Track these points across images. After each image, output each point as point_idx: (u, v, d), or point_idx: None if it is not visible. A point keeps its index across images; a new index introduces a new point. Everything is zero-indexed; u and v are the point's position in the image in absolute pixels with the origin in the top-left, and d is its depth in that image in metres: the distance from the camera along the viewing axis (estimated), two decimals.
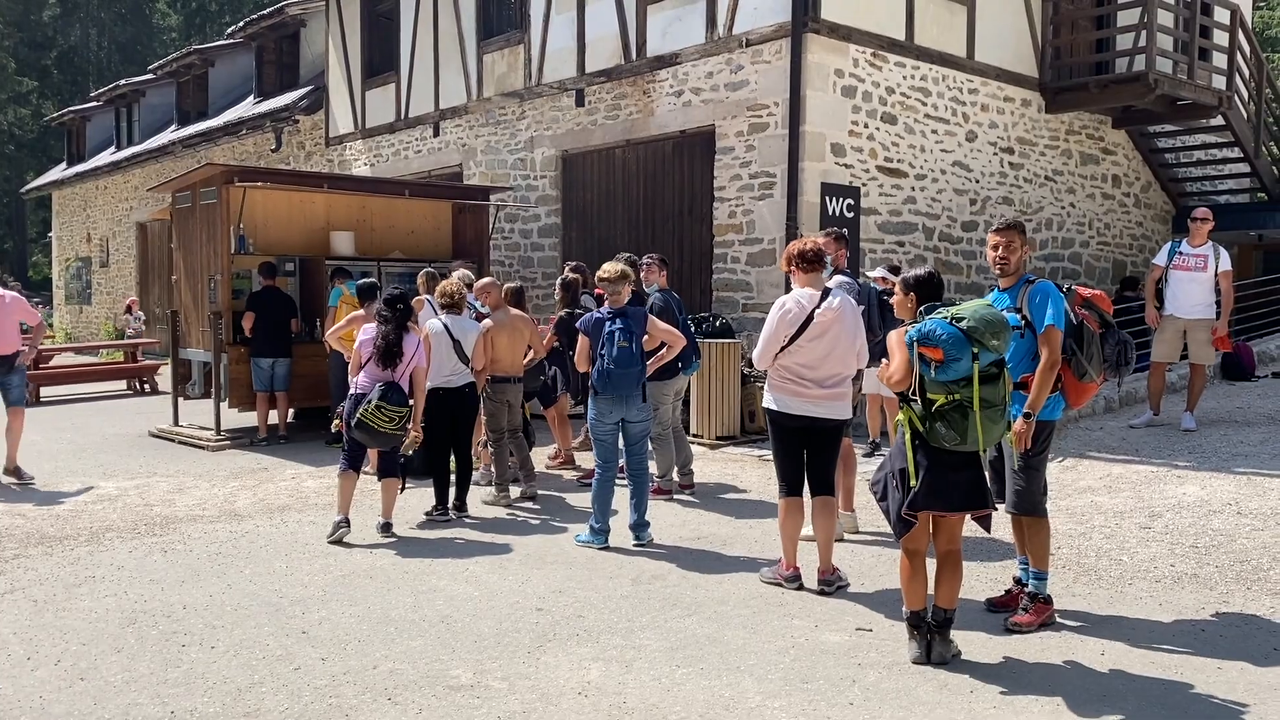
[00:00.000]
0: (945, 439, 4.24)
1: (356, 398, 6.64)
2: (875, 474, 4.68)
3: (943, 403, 4.21)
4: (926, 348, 4.20)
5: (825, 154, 10.46)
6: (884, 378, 4.55)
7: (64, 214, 28.82)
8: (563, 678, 4.26)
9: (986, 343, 4.14)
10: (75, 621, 5.03)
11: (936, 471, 4.30)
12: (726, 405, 9.92)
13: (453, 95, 14.73)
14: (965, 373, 4.17)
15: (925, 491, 4.32)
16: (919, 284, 4.56)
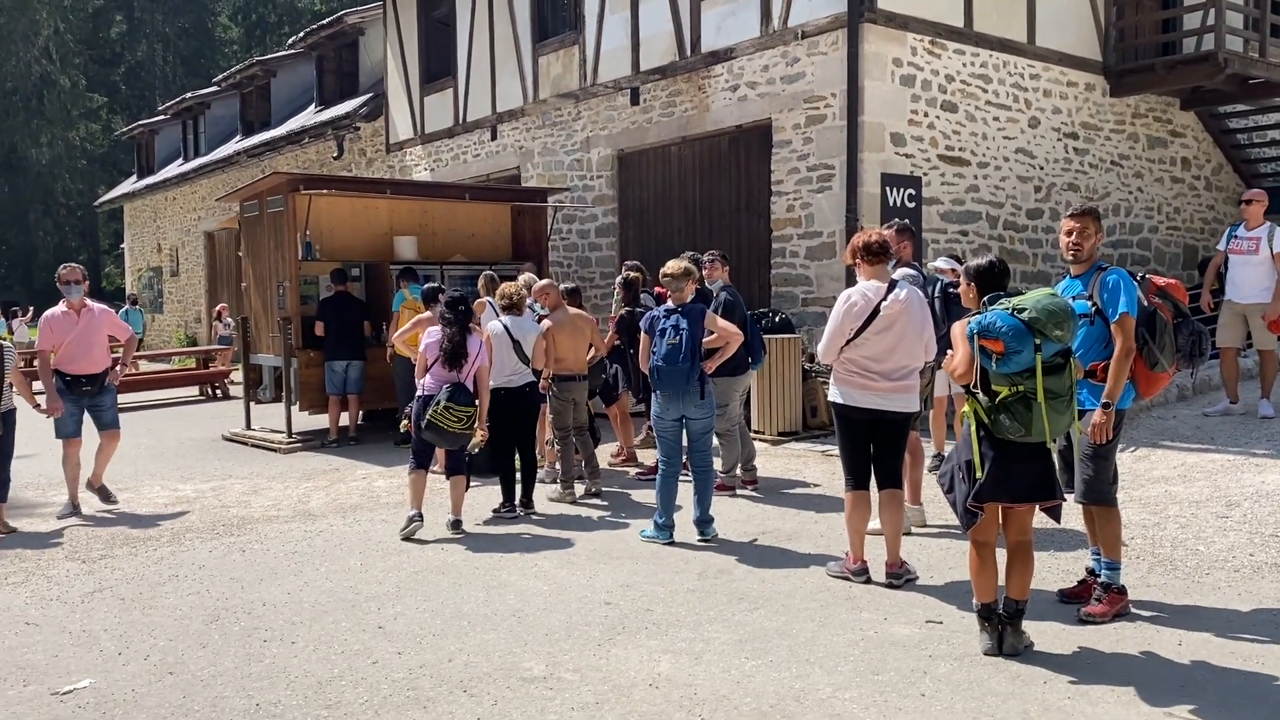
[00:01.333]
0: (1010, 431, 4.21)
1: (424, 399, 6.76)
2: (943, 466, 4.65)
3: (1006, 394, 4.18)
4: (987, 340, 4.17)
5: (885, 144, 10.38)
6: (948, 369, 4.53)
7: (135, 225, 29.65)
8: (633, 669, 4.30)
9: (1049, 333, 4.08)
10: (161, 618, 5.20)
11: (1002, 462, 4.26)
12: (788, 401, 9.90)
13: (509, 98, 14.88)
14: (1027, 364, 4.12)
15: (991, 483, 4.29)
16: (979, 274, 4.52)
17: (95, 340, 7.94)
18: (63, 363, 7.80)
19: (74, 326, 7.80)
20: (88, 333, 7.88)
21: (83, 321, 7.86)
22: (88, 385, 7.86)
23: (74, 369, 7.80)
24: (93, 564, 6.33)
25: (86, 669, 4.51)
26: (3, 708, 4.11)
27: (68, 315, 7.85)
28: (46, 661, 4.62)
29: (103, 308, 8.19)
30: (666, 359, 6.29)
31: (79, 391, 7.83)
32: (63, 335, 7.79)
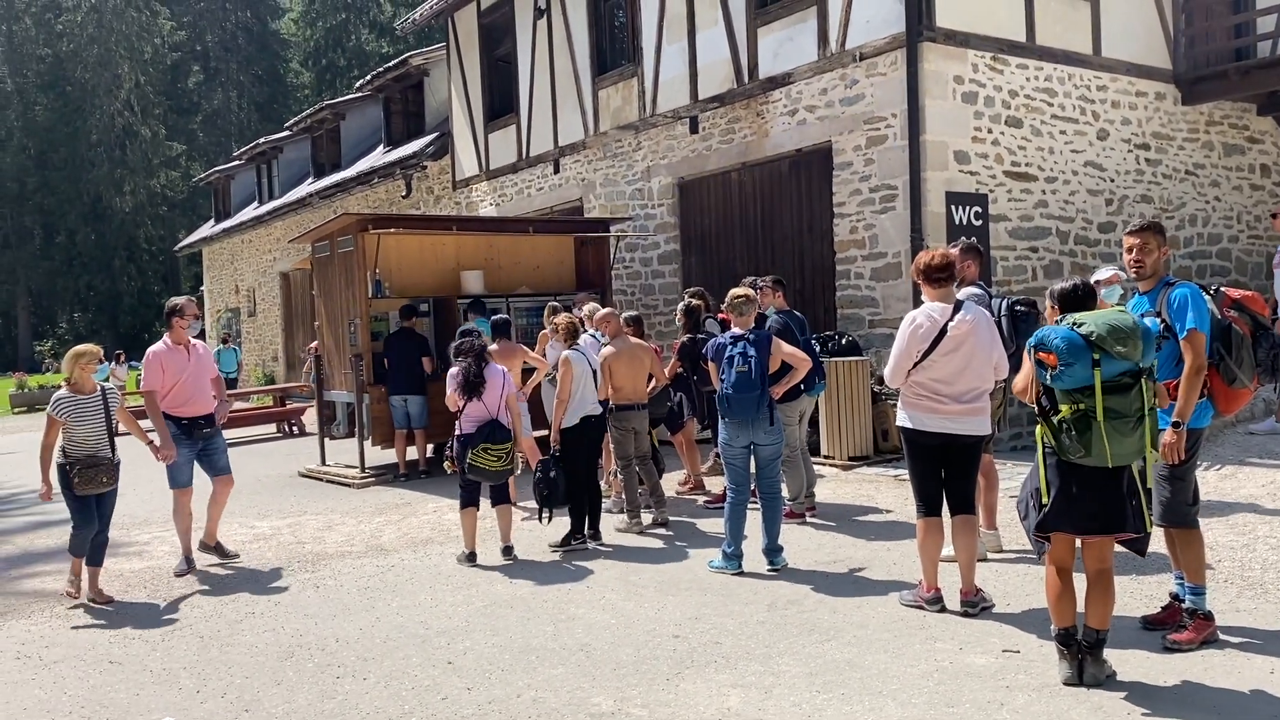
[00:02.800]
0: (1070, 451, 4.09)
1: (464, 440, 6.87)
2: (1020, 492, 4.54)
3: (1067, 413, 4.06)
4: (1042, 353, 4.09)
5: (948, 162, 10.25)
6: (1014, 389, 4.44)
7: (213, 268, 30.54)
8: (702, 704, 4.26)
9: (1111, 349, 3.95)
10: (238, 655, 5.29)
11: (1069, 490, 4.15)
12: (858, 425, 9.78)
13: (571, 132, 15.04)
14: (1084, 381, 4.00)
15: (1055, 512, 4.19)
16: (1062, 297, 4.44)
17: (206, 378, 7.45)
18: (176, 404, 7.20)
19: (187, 365, 7.25)
20: (201, 371, 7.40)
21: (194, 359, 7.34)
22: (206, 427, 7.34)
23: (189, 410, 7.25)
24: (173, 602, 6.48)
25: (166, 707, 4.60)
26: None
27: (178, 351, 7.28)
28: (129, 700, 4.74)
29: (204, 345, 7.72)
30: (737, 387, 6.26)
31: (197, 435, 7.29)
32: (177, 374, 7.20)
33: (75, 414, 6.41)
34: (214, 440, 7.43)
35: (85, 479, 6.36)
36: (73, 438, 6.42)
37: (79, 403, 6.44)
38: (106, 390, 6.62)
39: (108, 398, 6.58)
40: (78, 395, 6.45)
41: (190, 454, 7.30)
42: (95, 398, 6.51)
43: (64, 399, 6.42)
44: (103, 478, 6.42)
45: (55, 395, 6.48)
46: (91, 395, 6.49)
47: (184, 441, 7.21)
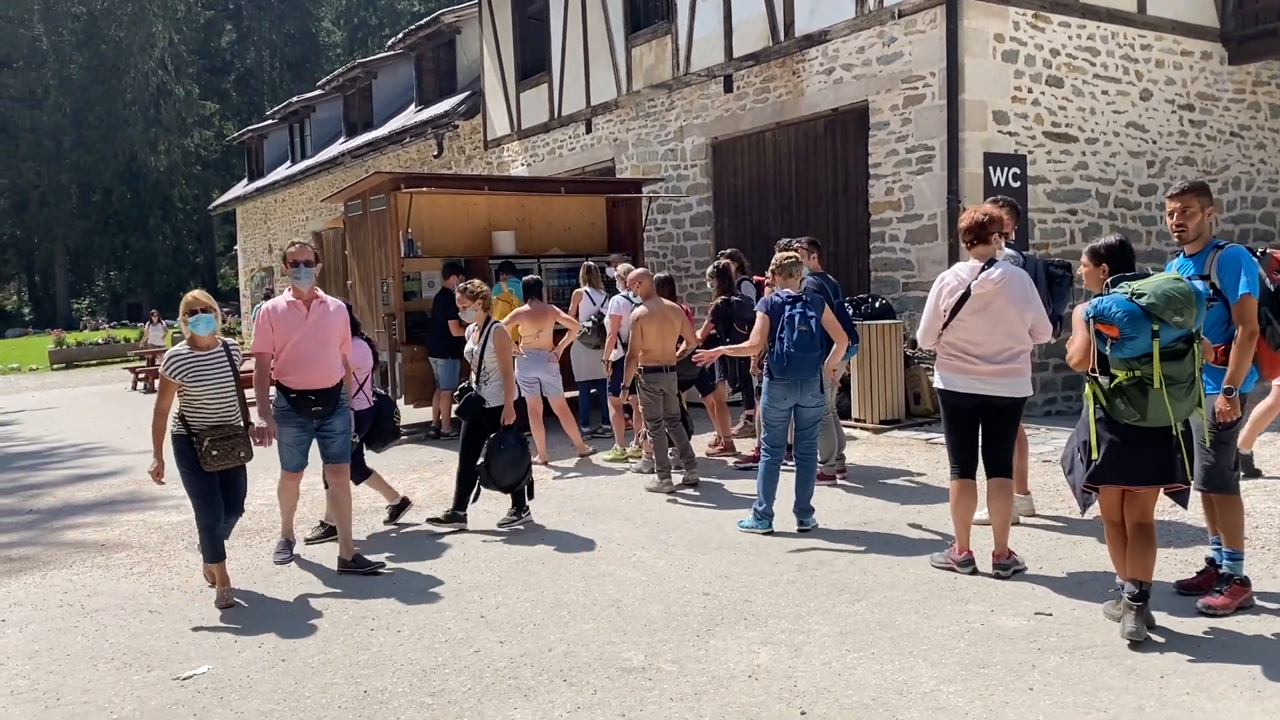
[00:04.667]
0: (1125, 415, 4.12)
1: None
2: (1064, 450, 4.51)
3: (1123, 379, 4.08)
4: (1102, 325, 4.05)
5: (987, 122, 10.08)
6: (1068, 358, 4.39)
7: (247, 227, 30.73)
8: (732, 661, 4.28)
9: (1168, 319, 3.95)
10: (275, 607, 5.38)
11: (1120, 445, 4.18)
12: (890, 388, 9.73)
13: (603, 91, 14.93)
14: (1144, 350, 4.01)
15: (1107, 465, 4.22)
16: (1111, 253, 4.41)
17: (329, 342, 5.98)
18: (286, 372, 5.93)
19: (302, 323, 5.93)
20: (321, 331, 5.95)
21: (314, 317, 5.96)
22: (319, 404, 5.97)
23: (300, 380, 5.93)
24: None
25: (205, 655, 4.69)
26: (128, 690, 4.31)
27: (294, 309, 5.98)
28: (168, 648, 4.83)
29: (338, 302, 6.19)
30: (799, 346, 6.28)
31: (309, 412, 5.97)
32: (288, 334, 5.90)
33: (196, 374, 5.31)
34: (331, 420, 6.03)
35: (220, 452, 5.28)
36: (193, 403, 5.34)
37: (201, 361, 5.33)
38: (230, 345, 5.53)
39: (231, 353, 5.47)
40: (197, 351, 5.38)
41: (302, 434, 6.03)
42: (218, 353, 5.41)
43: (181, 356, 5.34)
44: (240, 450, 5.39)
45: (170, 353, 5.39)
46: (213, 351, 5.40)
47: (291, 417, 5.98)
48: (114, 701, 4.20)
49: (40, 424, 14.72)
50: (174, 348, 5.42)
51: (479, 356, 6.87)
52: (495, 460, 6.64)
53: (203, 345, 5.40)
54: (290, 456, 6.14)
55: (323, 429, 6.06)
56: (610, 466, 8.85)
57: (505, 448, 6.68)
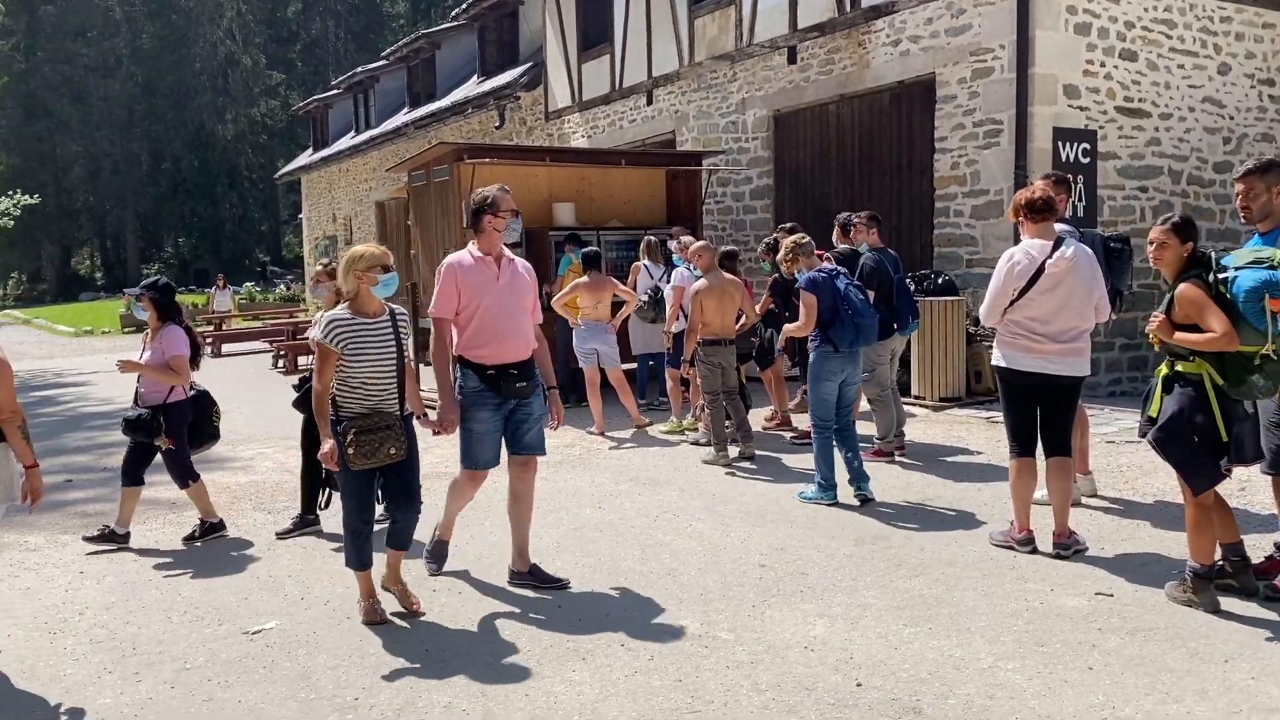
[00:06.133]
0: (1261, 391, 4.20)
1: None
2: (1157, 429, 4.40)
3: (1271, 352, 4.11)
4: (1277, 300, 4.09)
5: (1057, 96, 9.88)
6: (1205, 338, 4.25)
7: (312, 196, 31.17)
8: (788, 631, 4.31)
9: None
10: (339, 567, 5.48)
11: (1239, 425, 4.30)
12: (951, 366, 9.63)
13: (665, 62, 14.86)
14: None
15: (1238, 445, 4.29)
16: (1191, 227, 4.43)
17: (524, 307, 4.99)
18: (477, 344, 4.84)
19: (494, 284, 4.87)
20: (515, 295, 4.94)
21: (505, 277, 4.93)
22: (522, 380, 4.88)
23: (498, 354, 4.84)
24: (277, 514, 6.76)
25: (272, 611, 4.84)
26: (200, 642, 4.46)
27: (483, 266, 4.89)
28: (237, 603, 4.99)
29: (524, 263, 5.14)
30: (864, 313, 6.45)
31: (511, 390, 4.85)
32: (478, 296, 4.82)
33: (357, 345, 4.39)
34: (530, 401, 4.97)
35: (360, 449, 4.34)
36: (350, 380, 4.43)
37: (366, 330, 4.43)
38: (397, 314, 4.57)
39: (398, 324, 4.54)
40: (362, 318, 4.45)
41: (496, 421, 4.93)
42: (383, 322, 4.48)
43: (344, 321, 4.41)
44: (390, 446, 4.41)
45: (330, 316, 4.46)
46: (378, 318, 4.48)
47: (487, 399, 4.86)
48: (187, 652, 4.35)
49: (112, 385, 15.15)
50: (334, 311, 4.51)
51: None
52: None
53: (370, 311, 4.47)
54: (480, 449, 4.92)
55: (519, 412, 4.94)
56: (666, 438, 8.90)
57: None
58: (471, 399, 4.88)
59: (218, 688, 3.97)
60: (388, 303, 4.58)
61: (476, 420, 4.88)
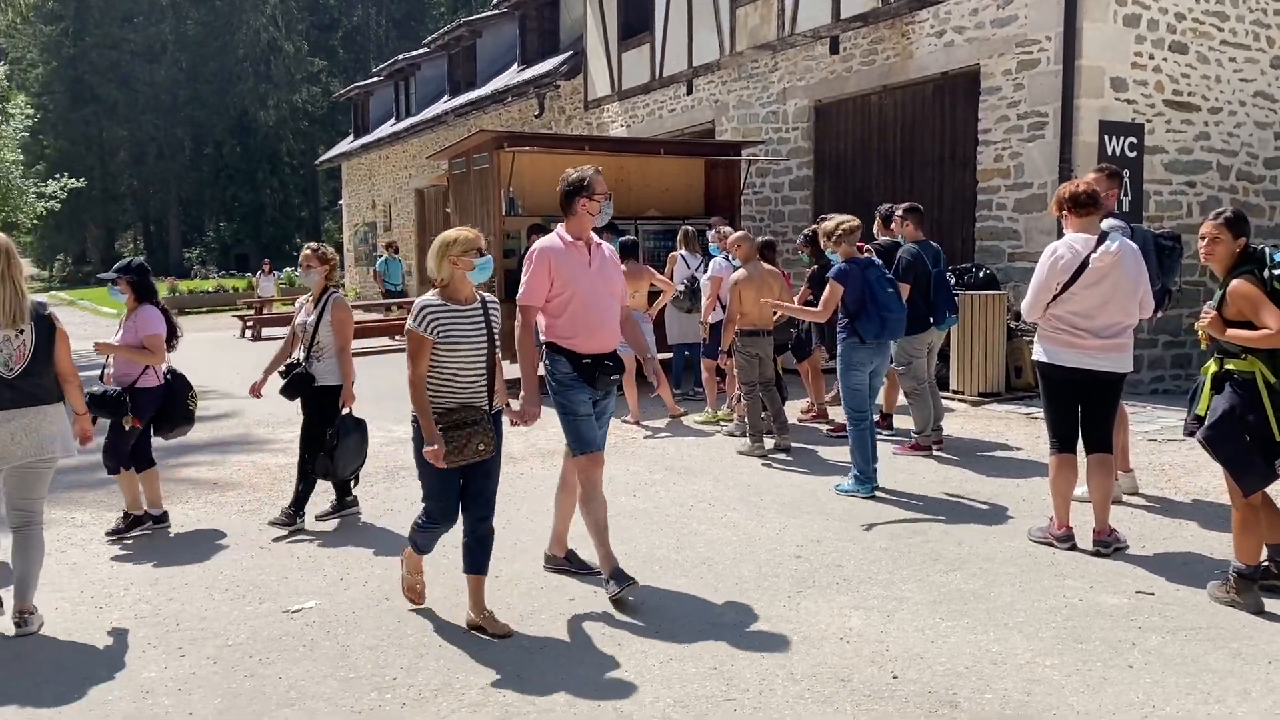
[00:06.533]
0: None
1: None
2: (1207, 428, 4.34)
3: None
4: None
5: (1104, 89, 9.74)
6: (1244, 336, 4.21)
7: (352, 183, 31.42)
8: (824, 623, 4.30)
9: None
10: (379, 548, 5.58)
11: None
12: (990, 360, 9.54)
13: (706, 52, 14.81)
14: None
15: None
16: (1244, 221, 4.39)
17: (615, 295, 4.81)
18: (570, 332, 4.66)
19: (587, 270, 4.66)
20: (606, 282, 4.74)
21: (597, 262, 4.73)
22: (615, 372, 4.75)
23: (591, 343, 4.67)
24: (316, 496, 6.82)
25: (312, 591, 4.90)
26: (241, 620, 4.53)
27: (576, 251, 4.67)
28: (277, 582, 5.06)
29: (610, 247, 4.96)
30: (894, 308, 6.48)
31: (603, 383, 4.69)
32: (571, 283, 4.61)
33: (450, 333, 4.15)
34: (607, 399, 4.86)
35: (454, 443, 4.13)
36: (439, 371, 4.20)
37: (458, 317, 4.18)
38: (488, 302, 4.33)
39: (490, 313, 4.30)
40: (454, 305, 4.21)
41: (589, 406, 4.74)
42: (475, 310, 4.24)
43: (436, 308, 4.17)
44: (479, 442, 4.17)
45: (422, 302, 4.21)
46: (470, 306, 4.24)
47: (579, 388, 4.68)
48: (229, 629, 4.42)
49: None
50: (425, 297, 4.25)
51: (313, 330, 6.00)
52: (339, 449, 5.85)
53: (463, 298, 4.22)
54: (589, 430, 4.71)
55: (597, 405, 4.79)
56: (701, 429, 8.90)
57: (346, 434, 5.92)
58: (567, 383, 4.67)
59: (259, 664, 4.03)
60: (479, 290, 4.34)
61: (578, 403, 4.67)
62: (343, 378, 6.02)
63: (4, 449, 4.42)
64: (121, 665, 4.06)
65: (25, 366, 4.44)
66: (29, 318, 4.47)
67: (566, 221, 4.73)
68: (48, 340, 4.52)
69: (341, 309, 6.05)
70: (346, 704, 3.65)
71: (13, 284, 4.43)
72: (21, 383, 4.43)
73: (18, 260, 4.49)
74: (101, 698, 3.77)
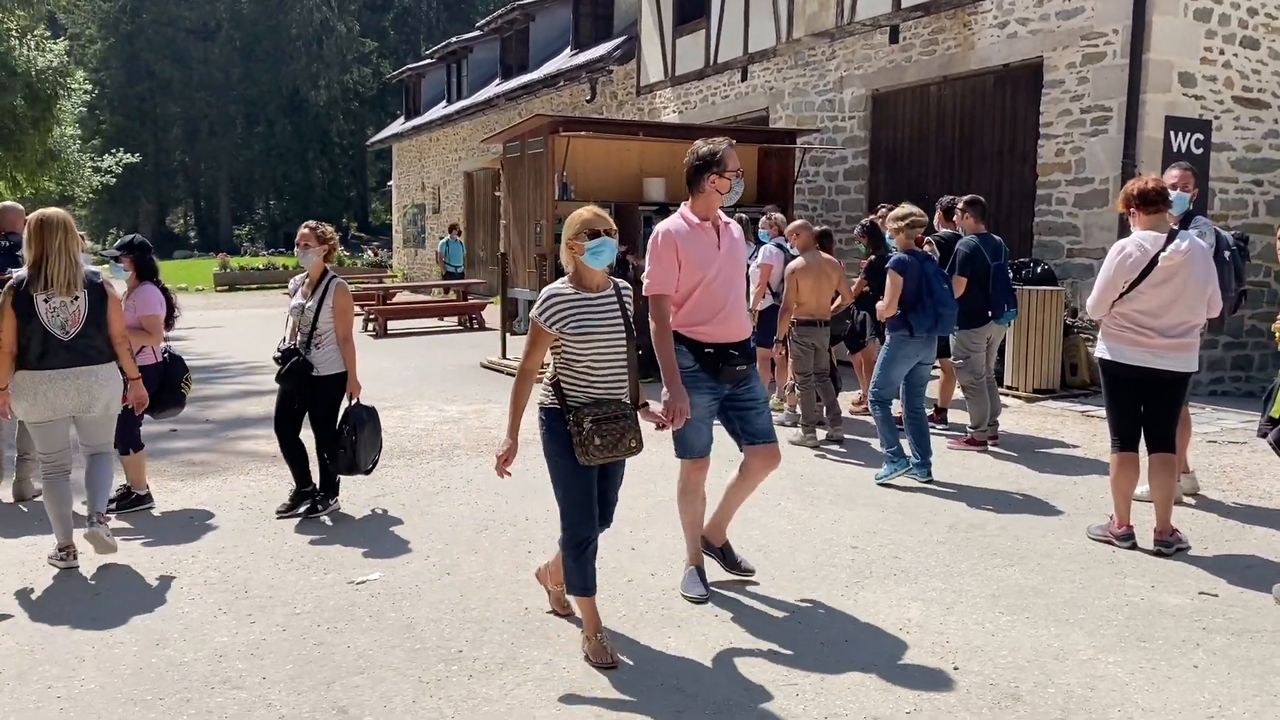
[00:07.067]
0: None
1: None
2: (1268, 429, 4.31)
3: None
4: None
5: (1172, 84, 9.58)
6: None
7: (402, 164, 31.65)
8: (883, 613, 4.32)
9: None
10: (437, 524, 5.67)
11: None
12: (1046, 357, 9.45)
13: (762, 38, 14.73)
14: None
15: None
16: None
17: (742, 276, 4.52)
18: (697, 320, 4.34)
19: (716, 254, 4.34)
20: (734, 265, 4.42)
21: (725, 245, 4.39)
22: (743, 362, 4.41)
23: (720, 332, 4.35)
24: (375, 472, 6.92)
25: (374, 564, 4.99)
26: (308, 589, 4.63)
27: (702, 233, 4.34)
28: (340, 554, 5.15)
29: (738, 226, 4.56)
30: (948, 302, 6.54)
31: (729, 374, 4.37)
32: (700, 268, 4.29)
33: (582, 323, 3.75)
34: (752, 383, 4.50)
35: (604, 440, 3.74)
36: (575, 364, 3.80)
37: (591, 306, 3.79)
38: (621, 288, 3.93)
39: (624, 300, 3.89)
40: (585, 292, 3.81)
41: (712, 405, 4.45)
42: (607, 297, 3.85)
43: (565, 298, 3.77)
44: (630, 439, 3.83)
45: (549, 292, 3.81)
46: (603, 293, 3.85)
47: (704, 384, 4.35)
48: (296, 598, 4.52)
49: (209, 341, 15.66)
50: (553, 285, 3.85)
51: (314, 316, 5.74)
52: (358, 441, 5.74)
53: (594, 284, 3.83)
54: (698, 434, 4.43)
55: (742, 396, 4.46)
56: None
57: (361, 426, 5.77)
58: (688, 381, 4.29)
59: (327, 633, 4.12)
60: (611, 276, 3.93)
61: (694, 405, 4.28)
62: (347, 366, 5.82)
63: (59, 402, 4.90)
64: (193, 630, 4.17)
65: (80, 330, 4.90)
66: (82, 285, 4.92)
67: (692, 200, 4.38)
68: (100, 306, 4.97)
69: (344, 295, 5.81)
70: (414, 674, 3.73)
71: (69, 255, 4.88)
72: (76, 344, 4.90)
73: (74, 233, 4.94)
74: (177, 659, 3.87)
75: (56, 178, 25.14)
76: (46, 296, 4.82)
